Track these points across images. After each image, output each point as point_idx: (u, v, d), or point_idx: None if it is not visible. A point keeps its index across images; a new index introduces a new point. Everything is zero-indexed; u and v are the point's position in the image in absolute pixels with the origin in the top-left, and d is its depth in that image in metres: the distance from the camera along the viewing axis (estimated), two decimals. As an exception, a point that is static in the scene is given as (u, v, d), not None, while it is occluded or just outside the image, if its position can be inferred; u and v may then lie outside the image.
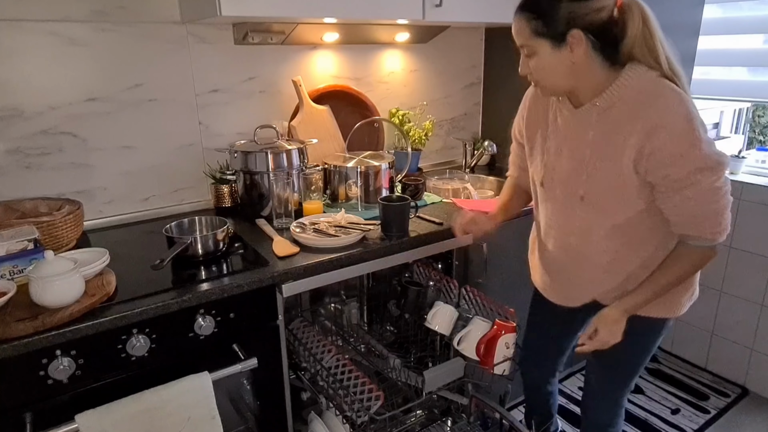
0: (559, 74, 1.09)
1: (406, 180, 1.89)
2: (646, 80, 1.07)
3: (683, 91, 1.07)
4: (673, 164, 1.04)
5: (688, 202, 1.06)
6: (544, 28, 1.04)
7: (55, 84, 1.52)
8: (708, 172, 1.04)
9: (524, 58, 1.11)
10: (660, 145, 1.03)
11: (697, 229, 1.09)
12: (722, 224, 1.08)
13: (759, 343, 2.27)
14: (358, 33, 1.95)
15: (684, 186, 1.05)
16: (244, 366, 1.28)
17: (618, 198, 1.14)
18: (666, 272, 1.16)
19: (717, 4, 2.34)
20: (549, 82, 1.12)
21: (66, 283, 1.07)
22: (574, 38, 1.03)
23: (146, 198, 1.75)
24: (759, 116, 4.10)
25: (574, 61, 1.06)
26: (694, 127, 1.02)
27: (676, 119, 1.02)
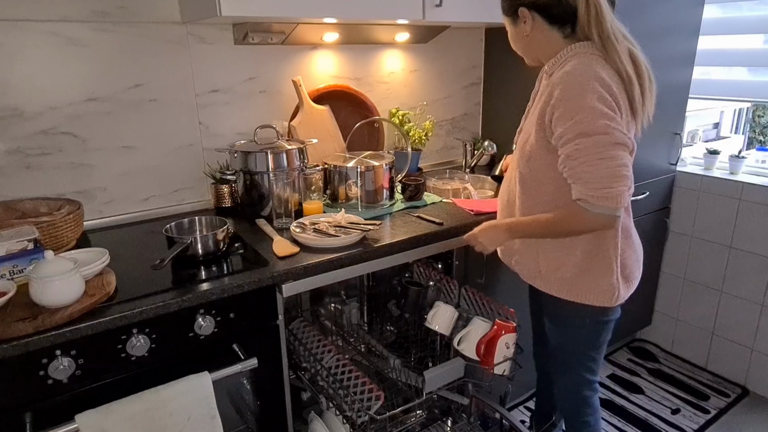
0: (520, 45, 1.32)
1: (406, 180, 1.89)
2: (582, 56, 1.18)
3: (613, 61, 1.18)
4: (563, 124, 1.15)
5: (574, 161, 1.14)
6: (504, 6, 1.29)
7: (55, 84, 1.52)
8: (595, 138, 1.11)
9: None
10: (556, 104, 1.16)
11: (585, 191, 1.15)
12: (610, 191, 1.12)
13: (759, 342, 2.27)
14: (358, 33, 1.95)
15: (570, 146, 1.14)
16: (244, 366, 1.28)
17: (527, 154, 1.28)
18: (551, 218, 1.25)
19: (717, 4, 2.34)
20: (518, 51, 1.35)
21: (66, 283, 1.07)
22: (521, 14, 1.24)
23: (146, 198, 1.75)
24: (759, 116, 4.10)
25: (526, 34, 1.26)
26: (587, 94, 1.12)
27: (574, 80, 1.14)
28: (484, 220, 1.69)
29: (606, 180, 1.12)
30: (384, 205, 1.80)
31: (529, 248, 1.39)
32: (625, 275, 1.33)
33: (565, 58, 1.22)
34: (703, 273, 2.41)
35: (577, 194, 1.17)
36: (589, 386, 1.46)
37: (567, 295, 1.34)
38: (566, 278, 1.33)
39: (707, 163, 2.40)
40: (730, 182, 2.25)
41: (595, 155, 1.12)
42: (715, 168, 2.39)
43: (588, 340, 1.40)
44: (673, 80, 2.21)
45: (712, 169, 2.38)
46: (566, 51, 1.22)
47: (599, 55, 1.17)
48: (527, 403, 2.22)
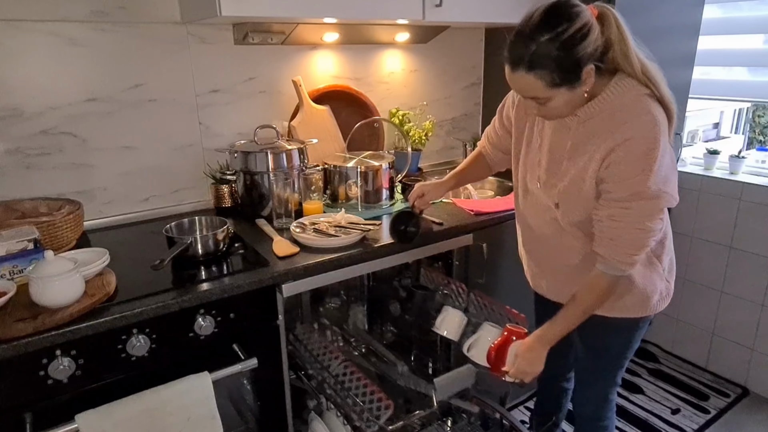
0: (572, 106, 1.10)
1: (406, 180, 1.89)
2: (628, 98, 1.08)
3: (660, 102, 1.09)
4: (618, 183, 1.06)
5: (613, 222, 1.09)
6: (560, 79, 1.02)
7: (55, 84, 1.52)
8: (643, 203, 1.06)
9: (534, 104, 1.09)
10: (617, 161, 1.06)
11: (610, 252, 1.11)
12: (633, 257, 1.11)
13: (759, 343, 2.27)
14: (358, 33, 1.95)
15: (617, 206, 1.08)
16: (244, 366, 1.28)
17: (581, 204, 1.16)
18: (580, 304, 1.19)
19: (717, 4, 2.34)
20: (561, 114, 1.12)
21: (66, 283, 1.07)
22: (588, 74, 1.03)
23: (146, 198, 1.75)
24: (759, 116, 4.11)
25: (586, 90, 1.06)
26: (653, 156, 1.03)
27: (639, 143, 1.04)
28: (484, 220, 1.70)
29: (633, 248, 1.10)
30: (384, 205, 1.80)
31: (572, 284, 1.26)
32: (665, 279, 1.30)
33: (611, 101, 1.08)
34: (704, 273, 2.41)
35: (598, 249, 1.13)
36: (615, 388, 1.44)
37: (613, 312, 1.27)
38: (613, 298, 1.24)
39: (707, 163, 2.40)
40: (730, 182, 2.25)
41: (636, 224, 1.07)
42: (715, 168, 2.39)
43: (627, 349, 1.36)
44: (673, 80, 2.18)
45: (712, 169, 2.38)
46: (609, 92, 1.08)
47: (647, 93, 1.08)
48: (527, 403, 2.22)
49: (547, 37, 0.98)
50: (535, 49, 0.99)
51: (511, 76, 1.06)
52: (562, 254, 1.28)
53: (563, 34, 0.97)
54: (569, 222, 1.20)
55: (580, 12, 1.00)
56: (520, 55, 1.01)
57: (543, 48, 0.98)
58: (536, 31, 0.99)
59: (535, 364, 1.22)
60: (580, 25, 0.99)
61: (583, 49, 0.99)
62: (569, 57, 0.99)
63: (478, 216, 1.72)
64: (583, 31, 0.99)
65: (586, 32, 0.99)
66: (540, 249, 1.36)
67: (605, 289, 1.16)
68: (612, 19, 1.05)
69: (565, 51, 0.98)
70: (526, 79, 1.03)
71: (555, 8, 1.00)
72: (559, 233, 1.25)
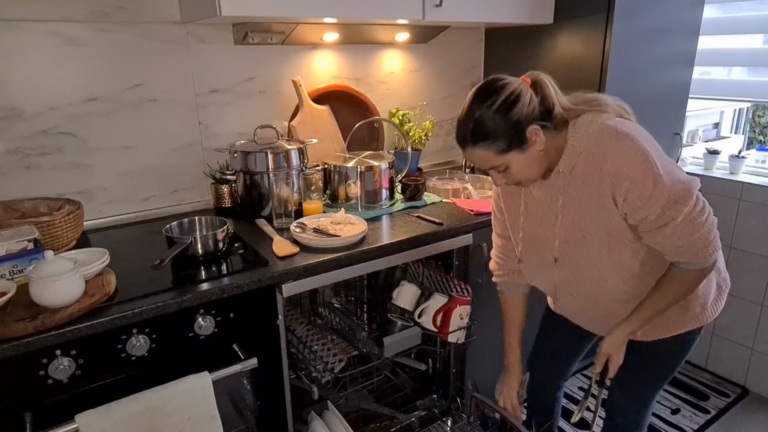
0: (535, 166, 1.15)
1: (406, 180, 1.89)
2: (592, 133, 1.10)
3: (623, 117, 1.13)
4: (644, 206, 1.06)
5: (671, 237, 1.08)
6: (505, 144, 1.09)
7: (55, 84, 1.52)
8: (680, 204, 1.05)
9: (497, 174, 1.17)
10: (627, 191, 1.07)
11: (686, 257, 1.10)
12: (710, 248, 1.09)
13: (759, 343, 2.27)
14: (358, 33, 1.95)
15: (662, 224, 1.07)
16: (244, 366, 1.28)
17: (615, 243, 1.15)
18: (663, 294, 1.17)
19: (717, 4, 2.34)
20: (529, 177, 1.17)
21: (66, 283, 1.07)
22: (532, 133, 1.09)
23: (146, 198, 1.75)
24: (759, 116, 4.11)
25: (541, 149, 1.12)
26: (651, 165, 1.04)
27: (632, 163, 1.05)
28: (484, 220, 1.70)
29: (705, 241, 1.08)
30: (384, 205, 1.80)
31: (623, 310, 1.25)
32: (723, 270, 1.28)
33: (580, 143, 1.11)
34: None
35: (674, 259, 1.12)
36: (657, 397, 1.42)
37: (669, 332, 1.26)
38: (671, 318, 1.23)
39: (707, 163, 2.40)
40: (730, 182, 2.25)
41: (689, 224, 1.06)
42: (715, 168, 2.39)
43: (680, 361, 1.35)
44: (673, 80, 2.21)
45: (712, 169, 2.38)
46: (573, 138, 1.11)
47: (605, 119, 1.11)
48: (527, 403, 2.22)
49: (480, 111, 1.08)
50: (473, 125, 1.10)
51: (465, 155, 1.16)
52: (609, 301, 1.25)
53: (493, 105, 1.07)
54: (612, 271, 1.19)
55: (505, 84, 1.09)
56: (464, 135, 1.12)
57: (480, 122, 1.09)
58: (471, 111, 1.10)
59: (623, 356, 1.24)
60: (508, 93, 1.07)
61: (517, 112, 1.07)
62: (506, 121, 1.07)
63: (478, 216, 1.72)
64: (512, 97, 1.07)
65: (515, 98, 1.07)
66: (579, 309, 1.33)
67: (694, 279, 1.14)
68: (546, 81, 1.12)
69: (500, 118, 1.07)
70: (477, 153, 1.13)
71: (481, 87, 1.11)
72: (601, 284, 1.22)
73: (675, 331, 1.25)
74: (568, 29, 2.05)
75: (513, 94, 1.07)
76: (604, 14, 1.91)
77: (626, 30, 1.93)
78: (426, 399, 1.96)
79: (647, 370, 1.36)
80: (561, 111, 1.13)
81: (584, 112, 1.13)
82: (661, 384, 1.38)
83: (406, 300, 1.69)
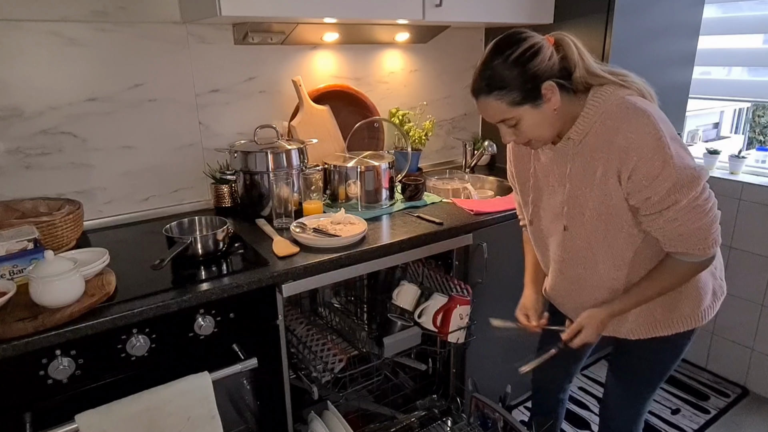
0: (547, 126, 1.13)
1: (406, 180, 1.89)
2: (611, 104, 1.09)
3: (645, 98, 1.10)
4: (649, 186, 1.05)
5: (673, 223, 1.07)
6: (520, 96, 1.07)
7: (55, 84, 1.52)
8: (686, 189, 1.04)
9: (508, 129, 1.14)
10: (634, 168, 1.05)
11: (685, 246, 1.09)
12: (709, 240, 1.08)
13: (759, 343, 2.27)
14: (358, 33, 1.95)
15: (665, 207, 1.06)
16: (244, 366, 1.28)
17: (613, 225, 1.15)
18: (654, 283, 1.16)
19: (717, 4, 2.34)
20: (540, 136, 1.15)
21: (66, 283, 1.07)
22: (547, 89, 1.07)
23: (146, 198, 1.75)
24: (759, 116, 4.10)
25: (555, 108, 1.10)
26: (663, 144, 1.03)
27: (644, 140, 1.04)
28: (484, 220, 1.70)
29: (706, 231, 1.07)
30: (384, 205, 1.80)
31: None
32: (719, 277, 1.27)
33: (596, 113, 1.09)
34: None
35: (672, 249, 1.11)
36: (651, 401, 1.40)
37: (656, 332, 1.24)
38: (658, 317, 1.22)
39: (707, 163, 2.40)
40: (730, 182, 2.25)
41: (693, 210, 1.05)
42: (715, 168, 2.39)
43: (673, 364, 1.33)
44: (673, 80, 2.21)
45: (712, 169, 2.38)
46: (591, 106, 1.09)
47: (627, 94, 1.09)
48: (527, 403, 2.22)
49: (498, 60, 1.07)
50: (489, 73, 1.08)
51: (478, 105, 1.13)
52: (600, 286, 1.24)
53: (512, 55, 1.06)
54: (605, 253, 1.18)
55: (527, 36, 1.08)
56: (478, 83, 1.10)
57: (496, 71, 1.07)
58: (488, 60, 1.09)
59: (597, 335, 1.23)
60: (528, 45, 1.06)
61: (535, 65, 1.06)
62: (523, 74, 1.06)
63: (478, 216, 1.72)
64: (533, 50, 1.06)
65: (535, 51, 1.06)
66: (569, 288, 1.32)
67: (688, 272, 1.14)
68: (571, 42, 1.10)
69: (517, 69, 1.06)
70: (490, 103, 1.10)
71: (502, 38, 1.10)
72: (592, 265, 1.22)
73: (662, 331, 1.24)
74: (568, 29, 2.03)
75: (533, 47, 1.06)
76: (604, 14, 1.91)
77: (626, 30, 1.93)
78: (426, 399, 1.96)
79: (638, 374, 1.36)
80: (584, 75, 1.10)
81: (608, 83, 1.11)
82: (652, 388, 1.37)
83: (406, 300, 1.69)
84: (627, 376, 1.38)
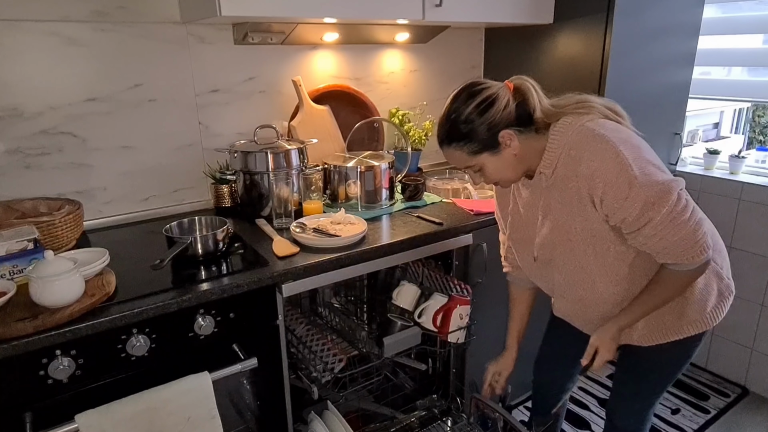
0: (510, 169, 1.18)
1: (406, 180, 1.89)
2: (570, 135, 1.10)
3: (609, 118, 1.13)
4: (621, 208, 1.06)
5: (653, 238, 1.07)
6: (479, 146, 1.13)
7: (55, 84, 1.52)
8: (657, 206, 1.04)
9: (473, 174, 1.21)
10: (603, 192, 1.07)
11: (673, 257, 1.09)
12: (696, 248, 1.07)
13: (759, 343, 2.27)
14: (358, 33, 1.95)
15: (641, 225, 1.06)
16: (244, 366, 1.28)
17: (600, 246, 1.16)
18: (653, 295, 1.16)
19: (717, 4, 2.34)
20: (504, 178, 1.21)
21: (66, 283, 1.07)
22: (504, 137, 1.12)
23: (146, 198, 1.75)
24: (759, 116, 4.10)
25: (515, 153, 1.14)
26: (625, 166, 1.04)
27: (606, 165, 1.05)
28: (484, 220, 1.70)
29: (691, 240, 1.06)
30: (384, 205, 1.80)
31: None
32: (726, 277, 1.26)
33: (559, 145, 1.11)
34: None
35: (662, 260, 1.11)
36: (658, 402, 1.41)
37: (666, 337, 1.24)
38: (668, 324, 1.23)
39: (707, 163, 2.40)
40: (730, 182, 2.25)
41: (672, 223, 1.04)
42: (715, 168, 2.39)
43: (682, 367, 1.33)
44: (673, 80, 2.21)
45: (712, 169, 2.38)
46: (553, 140, 1.12)
47: (587, 120, 1.10)
48: (527, 403, 2.22)
49: (454, 115, 1.13)
50: (449, 126, 1.14)
51: (444, 154, 1.20)
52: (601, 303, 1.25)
53: (466, 110, 1.11)
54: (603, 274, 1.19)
55: (483, 88, 1.12)
56: (441, 134, 1.17)
57: (455, 123, 1.13)
58: (448, 112, 1.15)
59: (613, 351, 1.23)
60: (484, 97, 1.10)
61: (491, 115, 1.10)
62: (480, 125, 1.11)
63: (478, 216, 1.72)
64: (488, 101, 1.10)
65: (489, 103, 1.10)
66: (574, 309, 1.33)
67: (685, 280, 1.14)
68: (530, 86, 1.14)
69: (474, 120, 1.11)
70: (453, 153, 1.17)
71: (460, 90, 1.15)
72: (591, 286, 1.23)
73: (672, 336, 1.24)
74: (568, 29, 2.05)
75: (489, 98, 1.10)
76: (604, 14, 1.91)
77: (626, 30, 1.93)
78: (426, 399, 1.96)
79: (647, 375, 1.36)
80: (542, 116, 1.14)
81: (565, 115, 1.14)
82: (661, 390, 1.37)
83: (406, 300, 1.69)
84: (637, 378, 1.37)
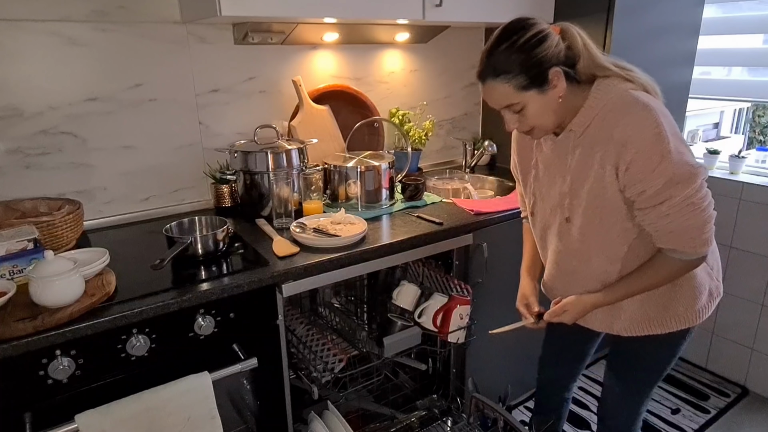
0: (551, 113, 1.13)
1: (406, 180, 1.89)
2: (614, 96, 1.09)
3: (648, 92, 1.10)
4: (645, 179, 1.05)
5: (665, 218, 1.07)
6: (527, 80, 1.08)
7: (55, 84, 1.52)
8: (681, 186, 1.04)
9: (512, 115, 1.15)
10: (631, 161, 1.05)
11: (676, 243, 1.09)
12: (700, 239, 1.07)
13: (759, 342, 2.27)
14: (358, 33, 1.95)
15: (659, 201, 1.06)
16: (244, 366, 1.28)
17: (607, 218, 1.15)
18: (642, 278, 1.16)
19: (717, 4, 2.34)
20: (542, 124, 1.15)
21: (66, 283, 1.07)
22: (554, 75, 1.08)
23: (146, 198, 1.75)
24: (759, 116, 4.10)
25: (560, 95, 1.11)
26: (663, 139, 1.03)
27: (644, 134, 1.04)
28: (484, 220, 1.70)
29: (699, 229, 1.06)
30: (384, 205, 1.80)
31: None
32: (715, 278, 1.25)
33: (598, 104, 1.09)
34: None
35: (663, 245, 1.10)
36: (648, 401, 1.40)
37: (650, 329, 1.23)
38: (652, 315, 1.22)
39: (707, 163, 2.40)
40: (730, 182, 2.25)
41: (687, 206, 1.04)
42: (715, 168, 2.39)
43: (670, 363, 1.32)
44: (673, 80, 2.21)
45: (712, 169, 2.38)
46: (594, 97, 1.10)
47: (630, 87, 1.09)
48: (527, 403, 2.22)
49: (505, 45, 1.08)
50: (497, 58, 1.09)
51: (484, 90, 1.15)
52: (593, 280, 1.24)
53: (519, 40, 1.07)
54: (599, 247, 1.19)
55: (534, 23, 1.08)
56: (485, 67, 1.12)
57: (504, 55, 1.08)
58: (495, 45, 1.10)
59: (578, 315, 1.25)
60: (535, 31, 1.07)
61: (542, 51, 1.06)
62: (530, 58, 1.06)
63: (478, 216, 1.72)
64: (539, 36, 1.07)
65: (542, 37, 1.07)
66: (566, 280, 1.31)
67: (679, 270, 1.13)
68: (575, 33, 1.11)
69: (524, 53, 1.06)
70: (496, 87, 1.12)
71: (509, 24, 1.10)
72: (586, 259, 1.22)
73: (656, 329, 1.24)
74: (568, 29, 2.05)
75: (540, 33, 1.07)
76: (604, 14, 1.91)
77: (626, 30, 1.93)
78: (426, 399, 1.96)
79: (635, 373, 1.36)
80: (589, 65, 1.11)
81: (612, 76, 1.11)
82: (650, 387, 1.37)
83: (406, 300, 1.69)
84: (624, 375, 1.38)
